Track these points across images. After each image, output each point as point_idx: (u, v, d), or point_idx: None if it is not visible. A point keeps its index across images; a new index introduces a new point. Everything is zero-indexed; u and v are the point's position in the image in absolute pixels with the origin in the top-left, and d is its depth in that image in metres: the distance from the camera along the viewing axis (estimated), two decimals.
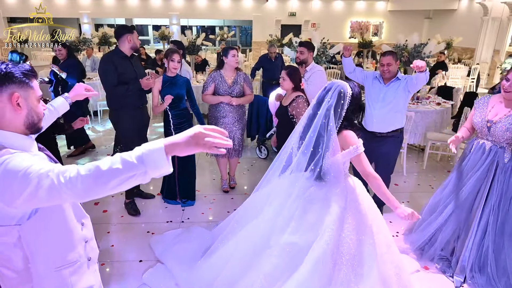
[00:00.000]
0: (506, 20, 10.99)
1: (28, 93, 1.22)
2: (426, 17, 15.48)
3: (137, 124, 3.52)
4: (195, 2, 15.35)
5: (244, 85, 3.74)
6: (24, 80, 1.21)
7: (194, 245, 3.00)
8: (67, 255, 1.32)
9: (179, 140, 1.06)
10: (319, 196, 2.11)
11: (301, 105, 3.10)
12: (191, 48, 7.24)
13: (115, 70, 3.28)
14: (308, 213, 2.09)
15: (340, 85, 2.08)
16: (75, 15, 15.07)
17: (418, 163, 5.17)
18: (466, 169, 2.82)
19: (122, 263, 2.90)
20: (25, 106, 1.22)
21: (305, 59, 3.83)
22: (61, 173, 1.04)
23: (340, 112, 2.04)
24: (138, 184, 4.03)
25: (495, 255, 2.64)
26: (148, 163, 1.03)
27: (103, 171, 1.03)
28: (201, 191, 4.11)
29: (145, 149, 1.04)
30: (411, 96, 3.50)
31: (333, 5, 15.82)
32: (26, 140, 1.24)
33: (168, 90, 3.43)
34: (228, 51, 3.64)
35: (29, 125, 1.25)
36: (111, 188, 1.05)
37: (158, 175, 1.07)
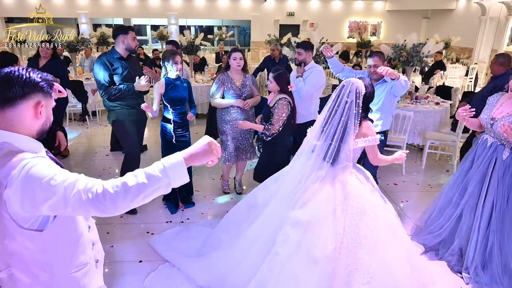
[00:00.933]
0: (504, 20, 11.01)
1: (49, 102, 1.26)
2: (424, 17, 15.50)
3: (133, 124, 3.52)
4: (193, 2, 15.32)
5: (253, 87, 3.74)
6: (49, 90, 1.24)
7: (197, 240, 3.06)
8: (79, 258, 1.33)
9: (196, 151, 1.19)
10: (329, 179, 2.30)
11: (281, 107, 3.09)
12: (190, 48, 7.23)
13: (108, 70, 3.29)
14: (317, 193, 2.27)
15: (354, 83, 2.26)
16: (73, 15, 15.01)
17: (417, 162, 5.18)
18: (470, 162, 2.88)
19: (121, 264, 2.89)
20: (44, 114, 1.25)
21: (303, 60, 3.79)
22: (88, 189, 1.08)
23: (357, 109, 2.24)
24: None
25: (500, 253, 2.64)
26: (171, 176, 1.13)
27: (130, 187, 1.08)
28: (200, 191, 4.10)
29: (167, 163, 1.14)
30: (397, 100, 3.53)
31: (331, 5, 15.82)
32: (37, 144, 1.27)
33: (172, 93, 3.38)
34: (231, 54, 3.62)
35: (41, 132, 1.27)
36: (137, 202, 1.11)
37: (178, 185, 1.16)
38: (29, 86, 1.18)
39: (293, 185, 2.37)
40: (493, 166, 2.69)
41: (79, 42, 7.24)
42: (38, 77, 1.21)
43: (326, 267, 2.12)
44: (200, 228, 3.32)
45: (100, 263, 1.49)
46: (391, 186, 4.37)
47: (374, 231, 2.21)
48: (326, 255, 2.12)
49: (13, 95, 1.16)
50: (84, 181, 1.10)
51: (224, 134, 3.76)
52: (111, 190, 1.07)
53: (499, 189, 2.65)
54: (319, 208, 2.22)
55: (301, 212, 2.24)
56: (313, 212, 2.22)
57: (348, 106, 2.22)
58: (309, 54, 3.81)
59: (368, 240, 2.18)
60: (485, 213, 2.69)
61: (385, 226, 2.28)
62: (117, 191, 1.07)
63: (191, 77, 7.17)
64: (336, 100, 2.28)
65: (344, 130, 2.24)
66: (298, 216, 2.23)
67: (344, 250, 2.15)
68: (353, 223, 2.19)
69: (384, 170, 4.76)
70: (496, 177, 2.66)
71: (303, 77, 3.75)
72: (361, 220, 2.21)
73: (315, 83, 3.69)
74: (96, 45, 10.73)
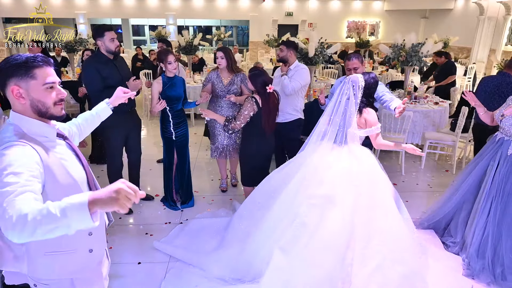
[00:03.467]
0: (502, 20, 11.02)
1: (29, 84, 1.27)
2: (423, 17, 15.51)
3: (123, 130, 3.43)
4: (191, 2, 15.29)
5: (242, 85, 3.74)
6: (23, 72, 1.26)
7: (203, 233, 3.14)
8: (60, 241, 1.29)
9: (102, 195, 1.04)
10: (344, 153, 2.62)
11: (245, 105, 3.09)
12: (188, 48, 7.20)
13: (98, 75, 3.16)
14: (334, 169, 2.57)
15: (353, 78, 2.65)
16: (71, 15, 14.96)
17: (416, 162, 5.18)
18: (478, 158, 3.00)
19: (120, 265, 2.87)
20: (27, 97, 1.28)
21: (284, 57, 3.75)
22: (5, 211, 1.05)
23: (355, 99, 2.62)
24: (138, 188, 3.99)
25: (494, 244, 2.73)
26: (71, 217, 1.02)
27: (28, 221, 1.02)
28: (199, 192, 4.09)
29: (67, 203, 1.04)
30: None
31: (329, 5, 15.82)
32: (44, 127, 1.32)
33: (170, 91, 3.40)
34: (215, 53, 3.78)
35: (38, 113, 1.31)
36: (39, 235, 1.03)
37: (82, 228, 1.06)
38: (2, 75, 1.26)
39: (311, 165, 2.62)
40: (498, 160, 2.79)
41: (77, 43, 7.21)
42: (13, 62, 1.25)
43: (346, 229, 2.38)
44: (201, 221, 3.37)
45: (96, 254, 1.47)
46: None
47: (385, 197, 2.52)
48: (344, 219, 2.39)
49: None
50: (19, 200, 1.06)
51: (212, 128, 3.90)
52: (14, 219, 1.03)
53: (501, 183, 2.74)
54: (338, 182, 2.49)
55: (321, 188, 2.49)
56: (332, 186, 2.48)
57: (347, 97, 2.63)
58: (290, 52, 3.76)
59: (382, 203, 2.49)
60: (487, 204, 2.78)
61: (391, 194, 2.59)
62: (17, 221, 1.02)
63: (189, 77, 7.15)
64: (339, 93, 2.68)
65: (348, 117, 2.61)
66: (318, 192, 2.49)
67: (362, 212, 2.43)
68: (368, 189, 2.48)
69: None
70: (500, 170, 2.76)
71: (288, 75, 3.74)
72: (375, 185, 2.52)
73: (301, 80, 3.71)
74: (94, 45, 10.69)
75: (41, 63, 1.28)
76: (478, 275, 2.71)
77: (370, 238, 2.38)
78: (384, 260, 2.34)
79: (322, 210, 2.43)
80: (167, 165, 3.70)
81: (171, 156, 3.65)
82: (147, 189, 4.12)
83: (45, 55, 1.33)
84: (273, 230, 2.54)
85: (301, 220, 2.43)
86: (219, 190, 4.19)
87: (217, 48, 3.86)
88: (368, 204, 2.45)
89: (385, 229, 2.41)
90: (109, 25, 3.69)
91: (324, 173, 2.54)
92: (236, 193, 4.16)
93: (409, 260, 2.43)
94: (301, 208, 2.47)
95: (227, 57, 3.65)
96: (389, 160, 5.23)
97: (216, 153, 3.92)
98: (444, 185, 4.45)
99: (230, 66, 3.69)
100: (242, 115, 3.07)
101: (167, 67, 3.35)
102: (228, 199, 4.00)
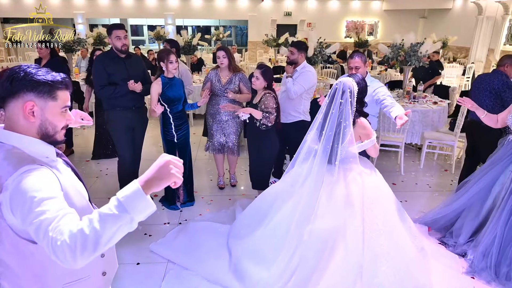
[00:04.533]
0: (501, 19, 11.04)
1: (47, 104, 1.16)
2: (421, 17, 15.53)
3: (128, 126, 3.45)
4: (190, 2, 15.28)
5: (241, 84, 3.76)
6: (46, 91, 1.14)
7: (200, 237, 3.10)
8: (77, 270, 1.22)
9: (151, 175, 1.03)
10: (341, 178, 2.39)
11: (270, 99, 3.16)
12: (187, 48, 7.20)
13: (103, 71, 3.30)
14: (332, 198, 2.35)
15: (345, 83, 2.32)
16: (69, 15, 14.94)
17: (415, 162, 5.18)
18: (491, 161, 2.96)
19: (119, 266, 2.85)
20: (39, 116, 1.16)
21: (295, 59, 3.74)
22: (54, 240, 0.95)
23: (352, 108, 2.31)
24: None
25: (503, 245, 2.69)
26: (131, 210, 0.99)
27: (87, 235, 0.95)
28: (198, 192, 4.08)
29: (121, 196, 1.00)
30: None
31: (328, 5, 15.82)
32: (43, 146, 1.19)
33: (170, 92, 3.36)
34: (216, 52, 3.83)
35: (43, 136, 1.19)
36: (103, 246, 0.97)
37: (144, 218, 1.02)
38: (19, 84, 1.11)
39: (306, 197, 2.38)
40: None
41: (75, 43, 7.19)
42: (36, 77, 1.13)
43: (354, 260, 2.25)
44: (198, 224, 3.34)
45: (108, 276, 1.39)
46: (389, 186, 4.35)
47: (388, 216, 2.39)
48: (351, 250, 2.26)
49: (3, 92, 1.12)
50: (61, 222, 0.97)
51: (209, 128, 3.98)
52: (68, 241, 0.94)
53: None
54: (337, 215, 2.30)
55: (319, 223, 2.30)
56: (331, 221, 2.30)
57: (342, 107, 2.29)
58: (301, 55, 3.76)
59: (385, 225, 2.35)
60: (506, 208, 2.72)
61: (394, 209, 2.46)
62: (73, 243, 0.94)
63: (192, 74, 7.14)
64: (330, 102, 2.34)
65: (343, 131, 2.31)
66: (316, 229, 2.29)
67: (367, 241, 2.29)
68: (370, 214, 2.33)
69: (382, 170, 4.74)
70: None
71: (293, 77, 3.72)
72: (376, 208, 2.36)
73: (304, 83, 3.67)
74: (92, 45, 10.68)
75: (65, 86, 1.19)
76: (480, 273, 2.71)
77: (377, 266, 2.28)
78: (392, 284, 2.27)
79: (323, 248, 2.27)
80: None
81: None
82: None
83: (68, 77, 1.23)
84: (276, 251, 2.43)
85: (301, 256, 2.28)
86: (218, 190, 4.19)
87: (218, 47, 3.89)
88: (372, 230, 2.31)
89: (391, 252, 2.31)
90: (120, 24, 3.62)
91: (322, 205, 2.33)
92: (235, 193, 4.15)
93: (414, 277, 2.37)
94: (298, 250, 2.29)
95: (228, 56, 3.69)
96: (388, 159, 5.23)
97: (211, 149, 4.01)
98: (443, 185, 4.45)
99: (231, 65, 3.73)
100: (271, 108, 3.14)
101: (168, 67, 3.31)
102: (227, 199, 3.99)
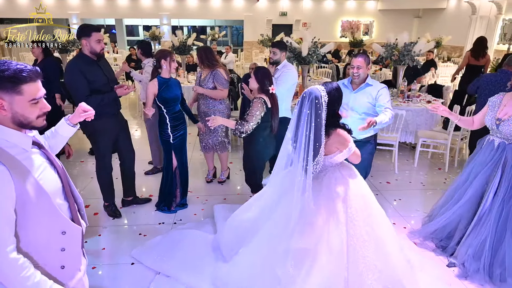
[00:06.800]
0: (494, 19, 11.13)
1: (14, 99, 1.22)
2: (416, 16, 15.62)
3: (115, 133, 3.36)
4: (185, 2, 15.26)
5: (214, 81, 3.89)
6: (9, 86, 1.20)
7: (183, 244, 3.01)
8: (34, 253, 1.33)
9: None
10: (322, 188, 2.23)
11: (255, 105, 3.02)
12: (182, 48, 7.19)
13: (84, 79, 3.00)
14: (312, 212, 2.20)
15: (313, 92, 2.08)
16: (64, 15, 14.86)
17: (409, 161, 5.21)
18: (475, 164, 2.90)
19: (113, 266, 2.86)
20: (9, 110, 1.23)
21: (277, 59, 3.89)
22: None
23: (320, 120, 2.07)
24: (134, 191, 3.85)
25: (494, 246, 2.69)
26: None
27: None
28: (193, 192, 4.08)
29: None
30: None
31: (324, 5, 15.86)
32: (20, 137, 1.27)
33: (166, 93, 3.33)
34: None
35: (18, 125, 1.27)
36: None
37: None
38: None
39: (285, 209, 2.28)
40: (503, 166, 2.70)
41: (70, 43, 7.16)
42: (4, 73, 1.18)
43: (338, 274, 2.13)
44: (181, 231, 3.24)
45: (68, 270, 1.41)
46: (384, 185, 4.38)
47: (373, 226, 2.23)
48: (334, 264, 2.13)
49: None
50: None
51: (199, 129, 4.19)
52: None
53: (509, 188, 2.67)
54: (317, 230, 2.18)
55: (300, 240, 2.19)
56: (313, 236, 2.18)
57: (308, 119, 2.06)
58: (283, 54, 3.91)
59: (370, 236, 2.20)
60: (488, 209, 2.72)
61: (380, 219, 2.30)
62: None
63: (183, 77, 7.14)
64: (298, 113, 2.13)
65: (312, 143, 2.09)
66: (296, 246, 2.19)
67: (351, 253, 2.16)
68: (354, 224, 2.18)
69: (376, 169, 4.78)
70: (506, 176, 2.68)
71: (275, 76, 3.79)
72: (361, 219, 2.20)
73: (286, 82, 3.78)
74: None
75: (29, 79, 1.23)
76: (472, 276, 2.69)
77: (364, 279, 2.17)
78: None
79: (309, 258, 2.17)
80: (166, 168, 3.58)
81: (170, 159, 3.55)
82: (142, 190, 4.11)
83: (34, 68, 1.26)
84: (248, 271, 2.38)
85: (288, 272, 2.17)
86: (213, 190, 4.19)
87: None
88: (356, 241, 2.18)
89: (377, 264, 2.20)
90: (98, 26, 3.50)
91: (306, 219, 2.20)
92: (230, 192, 4.16)
93: (407, 286, 2.29)
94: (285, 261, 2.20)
95: (198, 55, 3.95)
96: (383, 159, 5.26)
97: (204, 148, 4.22)
98: (436, 183, 4.48)
99: (203, 63, 3.91)
100: (254, 116, 2.99)
101: (171, 65, 3.33)
102: (222, 198, 4.00)
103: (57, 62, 5.16)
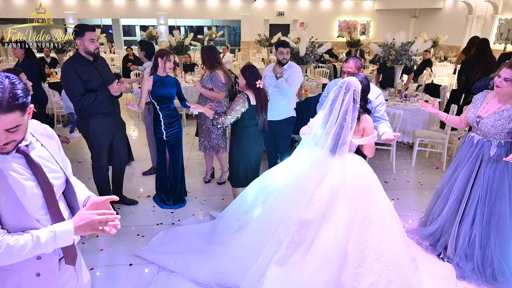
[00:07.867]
0: (490, 18, 11.18)
1: None
2: (413, 16, 15.66)
3: (110, 133, 3.35)
4: (182, 2, 15.22)
5: (212, 83, 3.88)
6: None
7: (185, 239, 3.06)
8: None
9: (80, 225, 1.26)
10: (337, 165, 2.43)
11: (237, 100, 3.09)
12: (179, 48, 7.18)
13: (79, 78, 3.02)
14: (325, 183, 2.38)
15: (350, 82, 2.39)
16: (60, 15, 14.78)
17: (407, 160, 5.22)
18: (459, 160, 2.93)
19: (111, 267, 2.85)
20: None
21: (288, 59, 3.93)
22: None
23: (355, 105, 2.39)
24: (121, 191, 3.86)
25: (483, 245, 2.72)
26: (58, 242, 1.25)
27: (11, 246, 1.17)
28: (191, 192, 4.07)
29: (58, 231, 1.24)
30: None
31: (321, 5, 15.87)
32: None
33: (160, 90, 3.41)
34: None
35: None
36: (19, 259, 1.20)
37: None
38: None
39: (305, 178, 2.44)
40: (480, 162, 2.75)
41: (66, 43, 7.13)
42: None
43: (339, 247, 2.24)
44: (183, 228, 3.30)
45: (44, 279, 1.36)
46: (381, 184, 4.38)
47: (380, 210, 2.38)
48: (337, 236, 2.25)
49: None
50: None
51: (199, 129, 4.19)
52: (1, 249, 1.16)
53: (486, 185, 2.70)
54: (332, 198, 2.33)
55: (312, 209, 2.32)
56: (326, 201, 2.32)
57: (345, 104, 2.37)
58: (289, 53, 3.99)
59: (377, 218, 2.34)
60: (471, 207, 2.76)
61: (386, 206, 2.44)
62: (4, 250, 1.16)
63: (180, 77, 7.13)
64: (337, 101, 2.42)
65: (347, 126, 2.39)
66: (307, 215, 2.32)
67: (356, 229, 2.28)
68: (362, 203, 2.34)
69: (374, 168, 4.77)
70: (483, 172, 2.72)
71: (284, 77, 3.81)
72: (370, 199, 2.36)
73: (296, 81, 3.85)
74: None
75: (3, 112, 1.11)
76: (469, 276, 2.72)
77: (365, 256, 2.28)
78: (379, 277, 2.26)
79: (315, 227, 2.29)
80: (159, 165, 3.70)
81: (163, 156, 3.65)
82: (139, 190, 4.10)
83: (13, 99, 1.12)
84: (260, 243, 2.44)
85: (292, 238, 2.29)
86: (211, 190, 4.19)
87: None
88: (363, 219, 2.31)
89: (380, 245, 2.30)
90: (92, 26, 3.47)
91: (318, 188, 2.36)
92: (227, 193, 4.15)
93: (404, 277, 2.36)
94: (291, 228, 2.31)
95: (201, 55, 4.01)
96: (380, 158, 5.27)
97: (200, 147, 4.22)
98: (434, 183, 4.49)
99: (205, 63, 3.94)
100: (233, 110, 3.05)
101: (166, 64, 3.40)
102: (220, 199, 3.99)
103: (37, 63, 4.96)
